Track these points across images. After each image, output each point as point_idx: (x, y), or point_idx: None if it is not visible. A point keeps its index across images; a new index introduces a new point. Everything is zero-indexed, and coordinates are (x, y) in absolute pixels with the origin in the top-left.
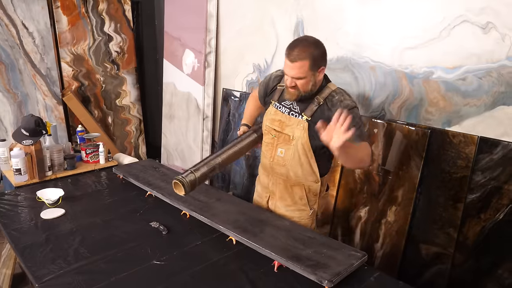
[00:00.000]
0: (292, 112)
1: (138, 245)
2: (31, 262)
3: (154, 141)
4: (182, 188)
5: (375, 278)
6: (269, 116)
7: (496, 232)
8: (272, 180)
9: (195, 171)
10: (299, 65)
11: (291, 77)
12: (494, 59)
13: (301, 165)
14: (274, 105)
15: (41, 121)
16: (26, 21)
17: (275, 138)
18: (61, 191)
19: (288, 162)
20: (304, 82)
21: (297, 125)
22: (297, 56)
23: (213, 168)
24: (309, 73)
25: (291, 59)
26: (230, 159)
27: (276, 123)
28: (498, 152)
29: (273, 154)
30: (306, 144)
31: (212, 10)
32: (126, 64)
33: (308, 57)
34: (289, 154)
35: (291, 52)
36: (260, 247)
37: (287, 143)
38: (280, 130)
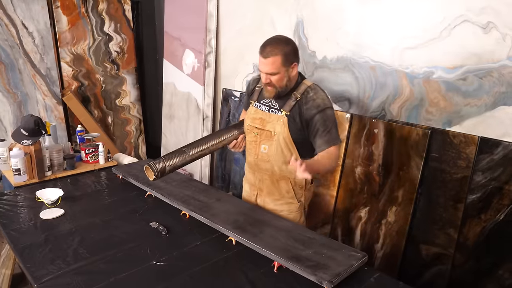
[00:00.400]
0: (271, 109)
1: (137, 245)
2: (30, 263)
3: (154, 141)
4: (152, 174)
5: (375, 279)
6: (250, 115)
7: (496, 233)
8: (258, 177)
9: (167, 160)
10: (272, 60)
11: (265, 73)
12: (495, 59)
13: (285, 159)
14: (254, 105)
15: (40, 121)
16: (26, 21)
17: (257, 135)
18: (61, 191)
19: (272, 157)
20: (278, 77)
21: (277, 120)
22: (269, 52)
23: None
24: (282, 69)
25: (264, 55)
26: (205, 152)
27: (257, 121)
28: (499, 152)
29: (257, 151)
30: (288, 138)
31: (212, 10)
32: (126, 64)
33: (279, 53)
34: (272, 150)
35: (263, 50)
36: (260, 247)
37: (270, 139)
38: (262, 127)
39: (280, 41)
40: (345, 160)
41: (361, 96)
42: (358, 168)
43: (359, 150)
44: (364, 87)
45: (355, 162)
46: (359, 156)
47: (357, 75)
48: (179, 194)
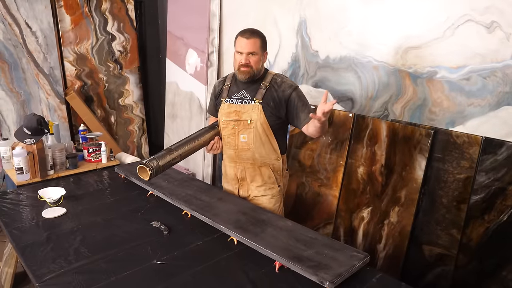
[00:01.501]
0: (244, 100)
1: (139, 244)
2: (32, 261)
3: (157, 141)
4: (148, 170)
5: (377, 279)
6: (224, 111)
7: (500, 234)
8: (240, 168)
9: (159, 159)
10: (253, 41)
11: (246, 53)
12: (499, 59)
13: (263, 145)
14: (225, 101)
15: (43, 120)
16: (29, 20)
17: (235, 127)
18: (63, 190)
19: (252, 145)
20: (257, 59)
21: (252, 109)
22: (251, 34)
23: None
24: (260, 52)
25: (246, 36)
26: (190, 152)
27: (232, 114)
28: (503, 152)
29: (236, 142)
30: (265, 124)
31: (215, 10)
32: (129, 63)
33: (259, 37)
34: (251, 138)
35: (244, 33)
36: (261, 247)
37: (247, 127)
38: (238, 118)
39: (256, 29)
40: (348, 160)
41: (364, 95)
42: (360, 168)
43: (362, 150)
44: (367, 87)
45: (357, 162)
46: (362, 156)
47: (360, 75)
48: (181, 194)
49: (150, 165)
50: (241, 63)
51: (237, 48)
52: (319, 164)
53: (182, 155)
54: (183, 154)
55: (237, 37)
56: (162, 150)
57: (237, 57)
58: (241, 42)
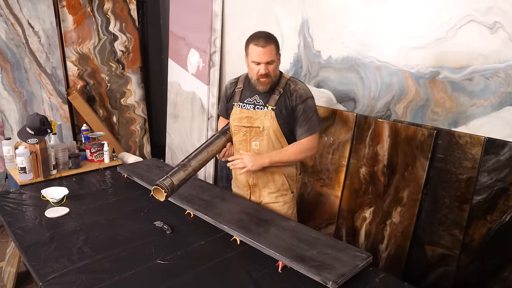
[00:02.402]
0: (257, 106)
1: (142, 244)
2: (35, 261)
3: (159, 141)
4: (163, 192)
5: (380, 280)
6: (236, 116)
7: (502, 234)
8: (252, 174)
9: (172, 176)
10: (269, 49)
11: (265, 63)
12: (502, 59)
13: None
14: (237, 106)
15: (46, 120)
16: (31, 20)
17: (247, 134)
18: (66, 190)
19: (265, 153)
20: (275, 66)
21: (265, 116)
22: (266, 42)
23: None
24: (276, 58)
25: (262, 45)
26: (204, 163)
27: (244, 120)
28: (505, 153)
29: (248, 149)
30: (278, 131)
31: (217, 10)
32: (131, 63)
33: (273, 42)
34: (263, 145)
35: (259, 41)
36: (264, 247)
37: (259, 134)
38: (250, 125)
39: (268, 33)
40: (350, 160)
41: (366, 96)
42: (363, 169)
43: (364, 150)
44: (369, 87)
45: (360, 162)
46: (364, 156)
47: (362, 75)
48: (183, 194)
49: (164, 185)
50: (261, 74)
51: (252, 58)
52: (321, 164)
53: (196, 168)
54: (197, 167)
55: (249, 44)
56: (175, 166)
57: (254, 68)
58: (256, 52)
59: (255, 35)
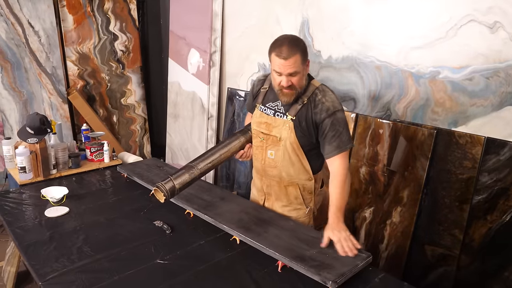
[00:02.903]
0: (277, 113)
1: (141, 244)
2: (35, 260)
3: (159, 140)
4: (162, 195)
5: (379, 279)
6: (256, 119)
7: (502, 234)
8: (266, 183)
9: (175, 179)
10: (293, 60)
11: (286, 75)
12: (502, 59)
13: (293, 165)
14: (259, 108)
15: (46, 119)
16: (32, 19)
17: (263, 140)
18: (66, 190)
19: (279, 163)
20: (299, 77)
21: (283, 125)
22: (289, 52)
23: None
24: (301, 67)
25: (284, 56)
26: (214, 165)
27: (262, 125)
28: (505, 153)
29: (263, 157)
30: (295, 143)
31: (217, 9)
32: (131, 63)
33: (298, 51)
34: (279, 155)
35: (281, 50)
36: (264, 247)
37: (276, 144)
38: (268, 132)
39: (294, 39)
40: (350, 160)
41: (366, 95)
42: (363, 168)
43: (364, 150)
44: (370, 87)
45: (360, 162)
46: (364, 156)
47: (363, 75)
48: (183, 193)
49: (164, 188)
50: (284, 86)
51: (273, 67)
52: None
53: (204, 171)
54: (205, 170)
55: (271, 53)
56: (181, 168)
57: (276, 77)
58: (278, 63)
59: (278, 42)
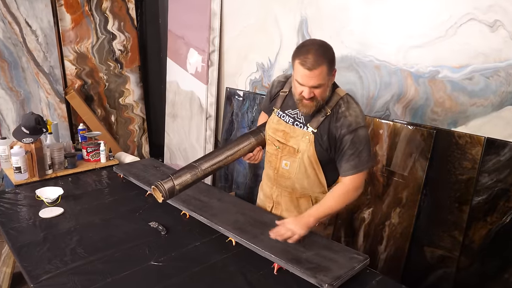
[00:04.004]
0: (296, 122)
1: (136, 245)
2: (28, 262)
3: (157, 140)
4: (160, 195)
5: (377, 282)
6: (272, 125)
7: (502, 236)
8: (276, 192)
9: (176, 178)
10: (318, 72)
11: (309, 87)
12: (502, 58)
13: (308, 178)
14: (276, 113)
15: (41, 119)
16: (29, 19)
17: (279, 149)
18: (61, 190)
19: (294, 175)
20: (323, 89)
21: (302, 137)
22: (315, 62)
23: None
24: (326, 79)
25: (308, 66)
26: (219, 166)
27: (279, 133)
28: (506, 153)
29: (277, 166)
30: (313, 157)
31: (216, 9)
32: (130, 62)
33: (325, 62)
34: (294, 167)
35: (306, 59)
36: (259, 248)
37: (292, 155)
38: (285, 142)
39: (321, 46)
40: None
41: (365, 95)
42: None
43: None
44: (369, 86)
45: None
46: None
47: (362, 75)
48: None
49: (163, 189)
50: (305, 97)
51: (296, 76)
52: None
53: (208, 173)
54: (209, 172)
55: (295, 60)
56: (183, 167)
57: (297, 87)
58: (302, 73)
59: (304, 48)
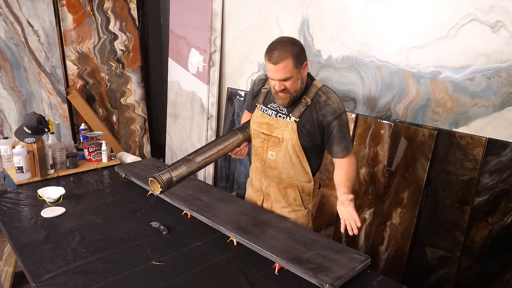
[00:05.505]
0: (279, 114)
1: (137, 245)
2: (30, 261)
3: (159, 140)
4: (159, 186)
5: (378, 282)
6: (256, 119)
7: (503, 236)
8: (265, 183)
9: (173, 170)
10: (283, 65)
11: (278, 80)
12: (504, 59)
13: (293, 166)
14: (260, 108)
15: (43, 119)
16: (31, 19)
17: (264, 141)
18: (62, 190)
19: (280, 164)
20: (292, 81)
21: (285, 127)
22: (278, 57)
23: (192, 170)
24: (294, 72)
25: (274, 61)
26: (211, 160)
27: (264, 126)
28: (507, 154)
29: (264, 158)
30: (297, 145)
31: (217, 9)
32: (131, 62)
33: (289, 56)
34: (280, 157)
35: (271, 55)
36: (261, 248)
37: (277, 145)
38: (269, 133)
39: (287, 42)
40: None
41: (366, 96)
42: (363, 169)
43: (364, 150)
44: (370, 87)
45: (360, 162)
46: (364, 156)
47: (363, 75)
48: (181, 194)
49: (161, 180)
50: (277, 90)
51: (267, 72)
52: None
53: (201, 165)
54: (203, 164)
55: (265, 57)
56: (178, 160)
57: (271, 81)
58: (269, 68)
59: (271, 46)
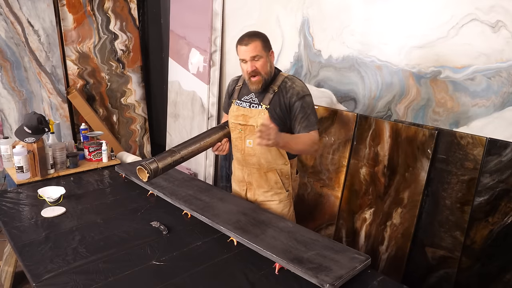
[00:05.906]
0: (252, 104)
1: (137, 245)
2: (30, 261)
3: (159, 140)
4: (146, 173)
5: (378, 282)
6: (232, 113)
7: (504, 236)
8: (247, 172)
9: (159, 160)
10: (253, 45)
11: (249, 59)
12: (504, 59)
13: (270, 151)
14: (235, 103)
15: (43, 119)
16: (31, 18)
17: (242, 131)
18: (62, 189)
19: (258, 151)
20: (263, 62)
21: (258, 114)
22: (249, 39)
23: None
24: (263, 53)
25: (245, 43)
26: (194, 153)
27: (240, 118)
28: (507, 154)
29: (243, 147)
30: None
31: (218, 9)
32: (132, 62)
33: (258, 39)
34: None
35: (242, 40)
36: (261, 248)
37: (254, 133)
38: (245, 123)
39: (255, 31)
40: (350, 161)
41: (367, 95)
42: (363, 169)
43: (365, 150)
44: (370, 86)
45: (360, 162)
46: (365, 156)
47: (363, 75)
48: (181, 194)
49: (148, 167)
50: (248, 71)
51: (239, 57)
52: (321, 164)
53: (185, 157)
54: (186, 155)
55: (237, 46)
56: (165, 151)
57: (243, 67)
58: (240, 50)
59: (240, 36)
